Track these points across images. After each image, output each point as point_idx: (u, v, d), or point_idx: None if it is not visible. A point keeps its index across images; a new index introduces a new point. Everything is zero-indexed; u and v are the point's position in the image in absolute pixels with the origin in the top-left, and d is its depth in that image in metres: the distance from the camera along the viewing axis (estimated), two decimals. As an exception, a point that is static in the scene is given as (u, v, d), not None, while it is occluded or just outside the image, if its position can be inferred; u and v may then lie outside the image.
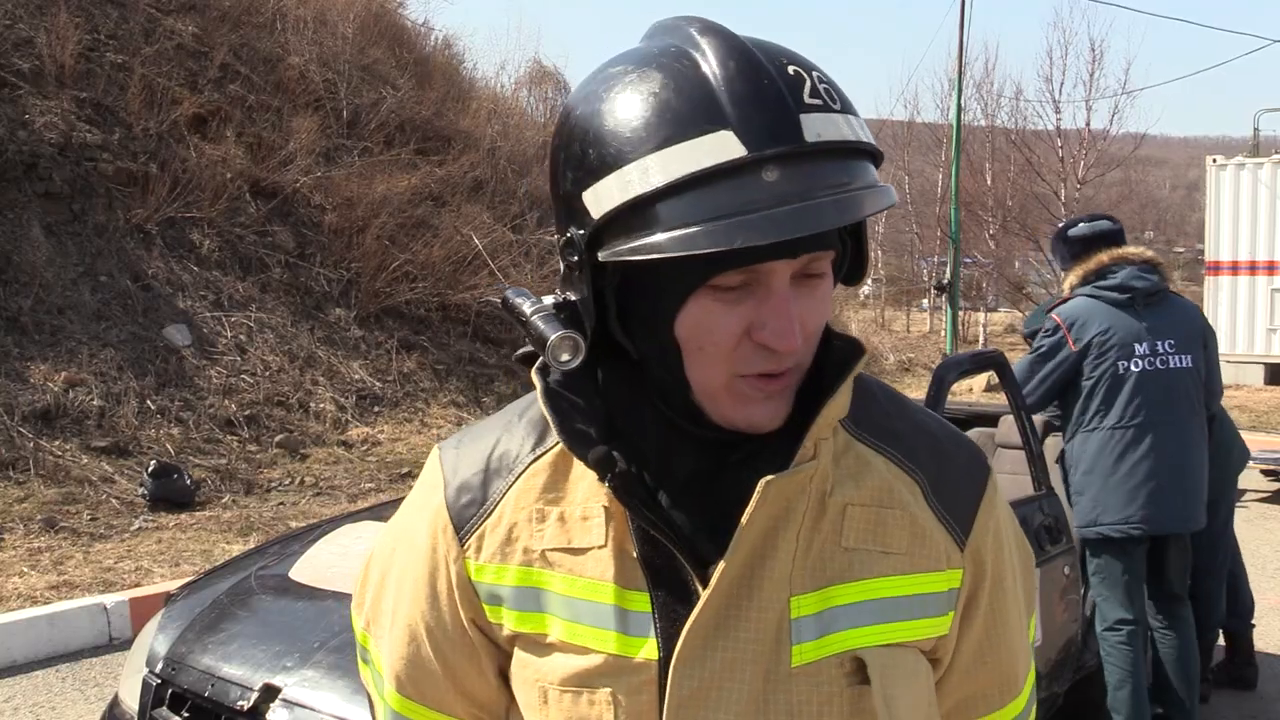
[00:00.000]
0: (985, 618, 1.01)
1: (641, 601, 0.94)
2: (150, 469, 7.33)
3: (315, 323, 10.46)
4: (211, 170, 10.37)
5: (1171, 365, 3.78)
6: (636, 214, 0.86)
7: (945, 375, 3.76)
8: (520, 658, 0.99)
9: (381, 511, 3.89)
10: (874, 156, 0.91)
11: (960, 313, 21.49)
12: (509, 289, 1.04)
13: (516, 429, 1.03)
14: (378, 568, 1.08)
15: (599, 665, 0.94)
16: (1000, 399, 5.27)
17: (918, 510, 0.98)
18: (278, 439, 8.76)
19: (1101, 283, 3.86)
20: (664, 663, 0.92)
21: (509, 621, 0.98)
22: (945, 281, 19.47)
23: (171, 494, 7.24)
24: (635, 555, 0.94)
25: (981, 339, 27.49)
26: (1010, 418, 4.19)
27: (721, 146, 0.84)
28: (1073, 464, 3.86)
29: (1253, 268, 15.37)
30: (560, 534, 0.96)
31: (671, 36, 0.93)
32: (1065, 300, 3.96)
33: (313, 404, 9.49)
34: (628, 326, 0.94)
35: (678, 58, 0.89)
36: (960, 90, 20.36)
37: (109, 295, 8.99)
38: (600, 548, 0.95)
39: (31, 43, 9.84)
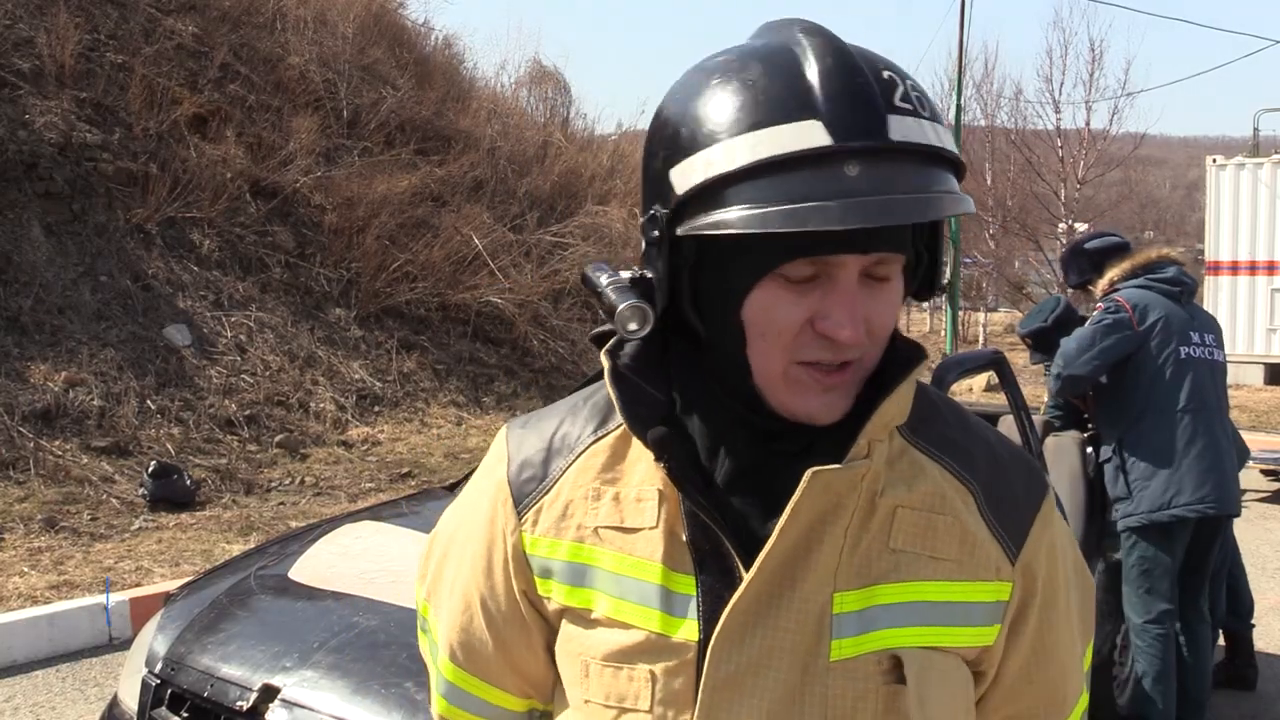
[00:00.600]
0: (1034, 635, 1.02)
1: (687, 584, 0.96)
2: (150, 469, 7.33)
3: (315, 323, 10.46)
4: (211, 170, 10.37)
5: (1214, 358, 3.97)
6: (716, 193, 0.88)
7: (945, 375, 3.75)
8: (566, 631, 1.02)
9: (381, 511, 3.89)
10: (956, 168, 0.93)
11: (960, 313, 21.49)
12: (589, 263, 1.07)
13: (581, 411, 1.06)
14: (442, 540, 1.12)
15: (640, 642, 0.96)
16: (1000, 399, 5.26)
17: (969, 519, 0.99)
18: (278, 439, 8.76)
19: (1154, 275, 4.01)
20: (703, 645, 0.94)
21: (558, 595, 1.01)
22: (945, 281, 19.47)
23: (172, 494, 7.24)
24: (685, 538, 0.96)
25: (981, 339, 27.48)
26: (1010, 418, 4.18)
27: (807, 134, 0.86)
28: (1137, 448, 3.88)
29: (1253, 268, 15.37)
30: (614, 512, 0.99)
31: (777, 34, 0.96)
32: (1110, 291, 4.04)
33: (313, 404, 9.49)
34: (700, 307, 0.96)
35: (779, 52, 0.92)
36: (960, 90, 20.36)
37: (109, 295, 8.99)
38: (651, 529, 0.97)
39: (31, 43, 9.84)
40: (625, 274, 0.99)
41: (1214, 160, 16.20)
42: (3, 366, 7.86)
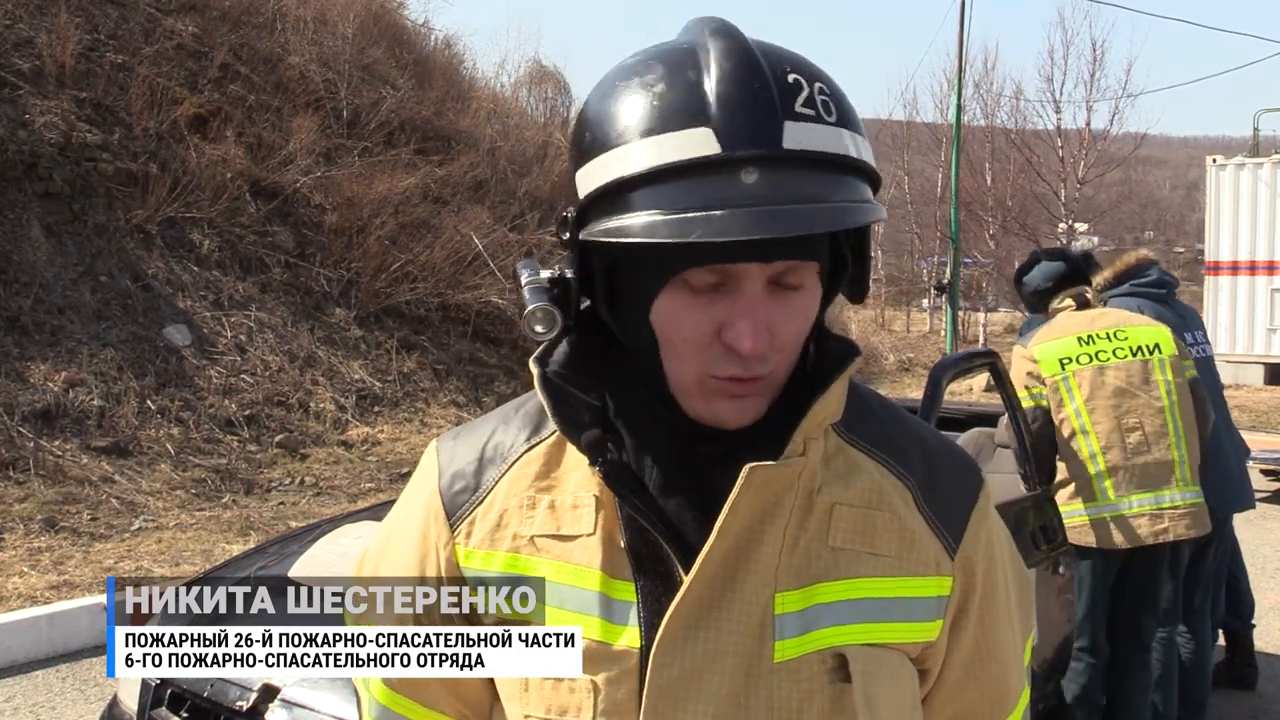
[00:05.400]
0: (976, 630, 1.01)
1: (627, 590, 0.94)
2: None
3: (315, 323, 10.46)
4: (211, 170, 10.38)
5: (1207, 354, 3.98)
6: (617, 198, 0.88)
7: (941, 376, 3.75)
8: None
9: (380, 511, 3.89)
10: (868, 175, 0.91)
11: (960, 313, 21.49)
12: (522, 259, 1.06)
13: (513, 421, 1.04)
14: (372, 559, 1.09)
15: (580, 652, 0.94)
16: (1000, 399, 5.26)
17: (907, 514, 0.98)
18: (278, 439, 8.77)
19: (1139, 280, 3.98)
20: (645, 652, 0.92)
21: (495, 608, 0.99)
22: (945, 281, 19.48)
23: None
24: (623, 544, 0.94)
25: (981, 339, 27.48)
26: (1006, 418, 4.18)
27: (698, 142, 0.85)
28: None
29: (1253, 268, 15.37)
30: (550, 520, 0.97)
31: (688, 34, 0.94)
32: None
33: (313, 404, 9.50)
34: (616, 311, 0.96)
35: (684, 54, 0.90)
36: (960, 90, 20.37)
37: (109, 295, 8.99)
38: (589, 535, 0.95)
39: (31, 43, 9.85)
40: (546, 274, 0.98)
41: (1214, 160, 16.21)
42: (3, 366, 7.86)
